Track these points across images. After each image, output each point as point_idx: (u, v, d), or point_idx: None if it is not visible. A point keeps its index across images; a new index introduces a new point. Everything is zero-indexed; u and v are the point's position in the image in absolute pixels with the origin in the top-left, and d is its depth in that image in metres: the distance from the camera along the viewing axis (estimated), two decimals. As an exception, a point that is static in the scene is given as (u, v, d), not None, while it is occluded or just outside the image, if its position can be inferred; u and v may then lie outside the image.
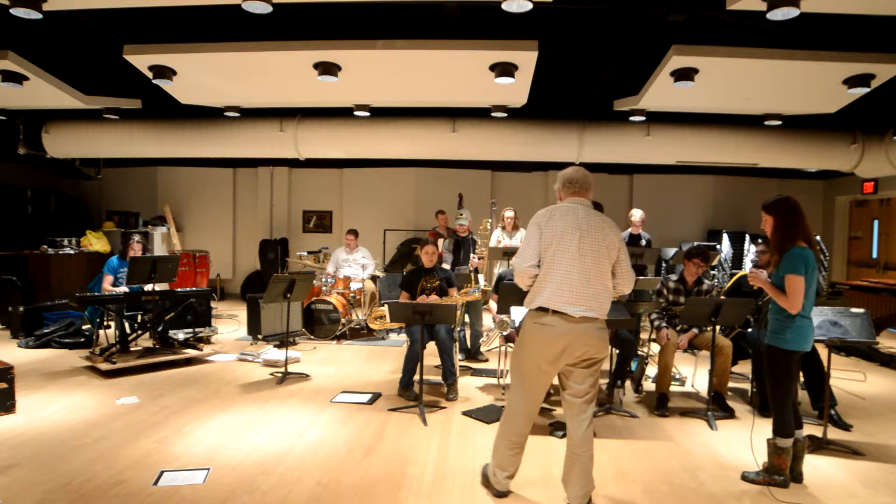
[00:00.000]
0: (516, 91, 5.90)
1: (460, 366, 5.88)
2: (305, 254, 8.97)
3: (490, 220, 7.10)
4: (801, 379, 4.55)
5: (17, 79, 5.78)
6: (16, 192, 9.56)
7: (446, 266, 7.02)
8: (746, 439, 3.91)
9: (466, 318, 6.53)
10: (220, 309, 9.33)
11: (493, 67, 5.29)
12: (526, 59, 5.17)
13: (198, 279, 9.51)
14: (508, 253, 5.89)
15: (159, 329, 6.39)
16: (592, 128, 7.96)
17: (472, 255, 6.73)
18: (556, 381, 3.21)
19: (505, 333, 5.11)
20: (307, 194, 11.43)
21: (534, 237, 3.03)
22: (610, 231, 3.02)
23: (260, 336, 7.09)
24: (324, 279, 7.72)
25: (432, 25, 5.26)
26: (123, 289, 6.13)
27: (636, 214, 7.14)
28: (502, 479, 3.20)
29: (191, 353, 6.17)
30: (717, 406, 4.67)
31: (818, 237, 3.47)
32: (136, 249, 6.32)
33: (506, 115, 7.02)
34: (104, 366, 5.50)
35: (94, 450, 3.76)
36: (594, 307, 2.96)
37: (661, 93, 5.86)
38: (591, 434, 3.07)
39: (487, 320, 6.71)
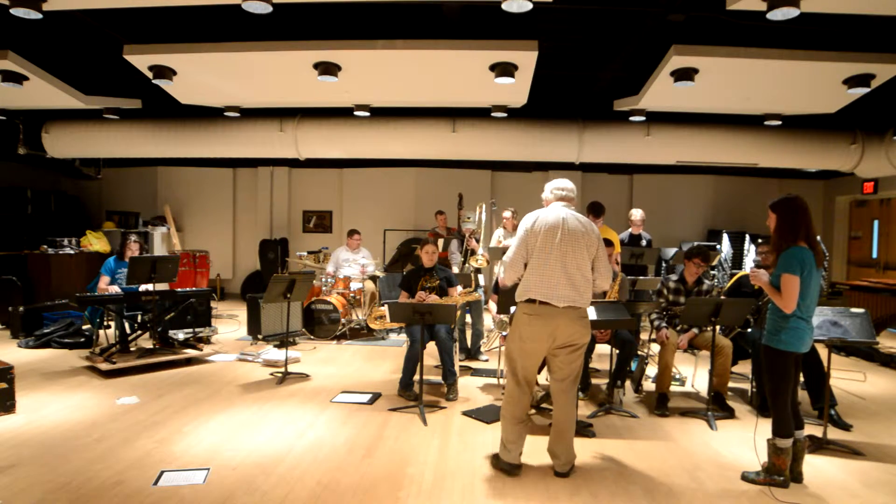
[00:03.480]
0: (516, 91, 5.90)
1: (460, 366, 5.88)
2: (305, 254, 8.97)
3: (482, 205, 7.22)
4: (801, 379, 4.55)
5: (17, 79, 5.78)
6: (16, 192, 9.56)
7: (455, 268, 7.06)
8: (746, 439, 3.91)
9: (468, 319, 6.53)
10: (220, 309, 9.33)
11: (493, 67, 5.29)
12: (526, 59, 5.16)
13: (198, 279, 9.51)
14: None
15: (159, 329, 6.39)
16: (592, 128, 7.96)
17: (471, 241, 6.85)
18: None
19: (504, 333, 5.11)
20: (307, 194, 11.43)
21: (522, 241, 3.45)
22: (589, 231, 3.43)
23: (260, 336, 7.09)
24: (324, 279, 7.72)
25: (432, 25, 5.26)
26: (115, 288, 6.11)
27: (636, 214, 7.13)
28: (514, 452, 3.49)
29: (191, 353, 6.17)
30: (717, 406, 4.67)
31: (818, 237, 3.46)
32: (133, 249, 6.32)
33: (506, 115, 7.01)
34: (104, 366, 5.50)
35: (94, 450, 3.76)
36: (575, 298, 3.36)
37: (661, 93, 5.86)
38: (574, 412, 3.56)
39: (488, 320, 6.71)
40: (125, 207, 10.86)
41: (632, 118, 7.03)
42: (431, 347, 5.18)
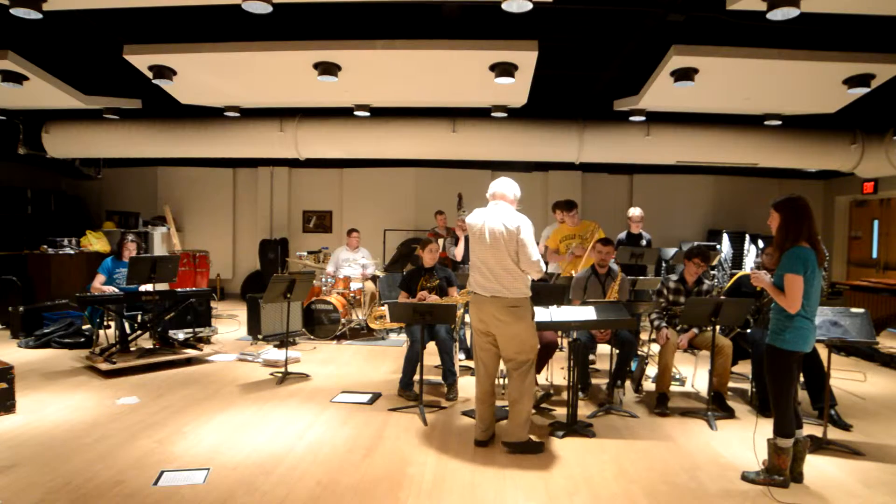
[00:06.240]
0: (516, 91, 5.89)
1: (460, 366, 5.88)
2: (305, 254, 8.97)
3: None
4: (801, 379, 4.55)
5: (17, 79, 5.77)
6: (16, 192, 9.56)
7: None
8: (746, 439, 3.91)
9: (467, 318, 6.53)
10: (220, 309, 9.33)
11: (493, 67, 5.28)
12: (526, 59, 5.16)
13: (198, 279, 9.51)
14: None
15: (159, 329, 6.38)
16: (592, 128, 7.96)
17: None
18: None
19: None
20: (307, 194, 11.43)
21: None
22: (511, 225, 3.72)
23: (260, 336, 7.09)
24: (324, 279, 7.72)
25: (432, 25, 5.26)
26: (108, 288, 6.10)
27: (635, 212, 7.08)
28: (478, 429, 3.94)
29: (191, 353, 6.17)
30: (717, 406, 4.67)
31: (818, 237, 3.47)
32: (130, 249, 6.31)
33: (506, 115, 7.01)
34: (104, 366, 5.50)
35: (94, 450, 3.76)
36: (499, 289, 3.73)
37: (661, 93, 5.85)
38: (523, 389, 3.79)
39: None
40: (125, 207, 10.86)
41: (632, 118, 7.03)
42: (431, 347, 5.18)
